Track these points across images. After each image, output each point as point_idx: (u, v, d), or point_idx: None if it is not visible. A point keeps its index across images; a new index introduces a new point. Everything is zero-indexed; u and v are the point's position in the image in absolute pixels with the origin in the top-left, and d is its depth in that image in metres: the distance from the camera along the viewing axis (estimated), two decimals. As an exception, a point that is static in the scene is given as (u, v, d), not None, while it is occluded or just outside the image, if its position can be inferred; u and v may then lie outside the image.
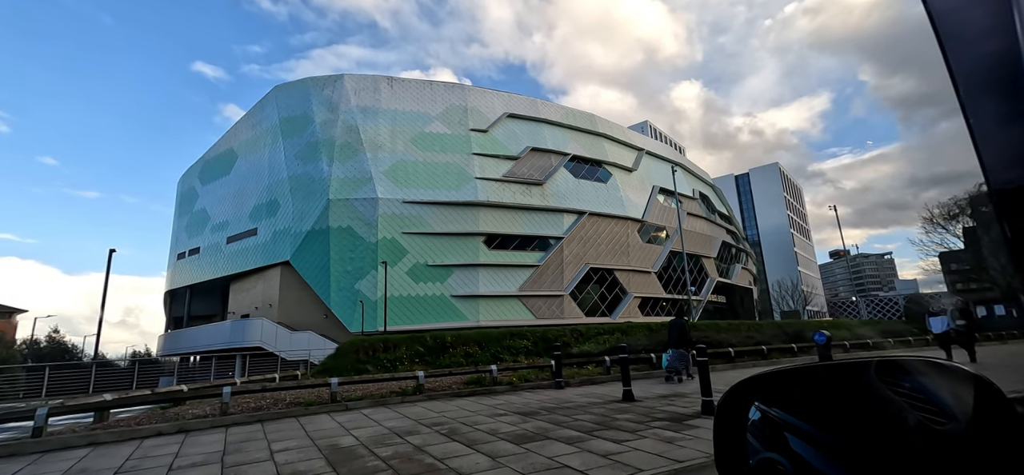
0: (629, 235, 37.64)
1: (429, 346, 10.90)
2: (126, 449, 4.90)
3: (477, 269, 31.42)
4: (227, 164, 37.50)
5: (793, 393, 0.79)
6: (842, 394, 0.72)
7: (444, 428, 5.10)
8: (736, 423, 0.82)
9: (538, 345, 12.59)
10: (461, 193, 32.25)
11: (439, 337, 11.36)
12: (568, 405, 6.19)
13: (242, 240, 33.86)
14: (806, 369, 0.78)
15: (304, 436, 4.95)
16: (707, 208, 48.74)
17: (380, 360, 10.00)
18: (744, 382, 0.85)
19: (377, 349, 10.40)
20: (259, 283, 32.89)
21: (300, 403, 6.59)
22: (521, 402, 6.59)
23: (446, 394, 7.40)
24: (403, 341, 10.91)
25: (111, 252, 21.67)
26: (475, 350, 11.13)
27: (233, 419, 5.90)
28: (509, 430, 4.78)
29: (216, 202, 37.24)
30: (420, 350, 10.62)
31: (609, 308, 35.58)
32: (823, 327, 22.87)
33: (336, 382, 6.80)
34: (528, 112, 38.15)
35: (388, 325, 28.65)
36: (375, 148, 32.17)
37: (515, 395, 7.34)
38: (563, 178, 36.38)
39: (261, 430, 5.33)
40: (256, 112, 36.80)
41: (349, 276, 29.62)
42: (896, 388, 0.65)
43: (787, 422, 0.73)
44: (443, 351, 10.88)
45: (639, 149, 43.49)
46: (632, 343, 12.57)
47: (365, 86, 34.52)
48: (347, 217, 30.19)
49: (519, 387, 8.00)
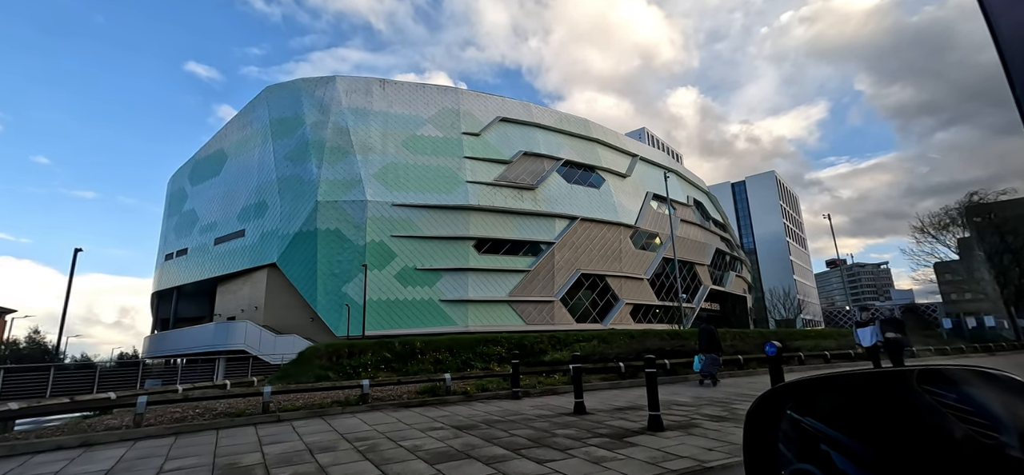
0: (621, 241, 37.36)
1: (397, 352, 10.56)
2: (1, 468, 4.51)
3: (467, 274, 31.11)
4: (217, 165, 37.27)
5: (828, 402, 0.76)
6: (881, 404, 0.68)
7: (366, 444, 4.78)
8: (767, 432, 0.80)
9: (513, 351, 12.23)
10: (452, 197, 32.00)
11: (408, 342, 11.02)
12: (514, 418, 5.86)
13: (230, 241, 33.56)
14: (842, 377, 0.74)
15: (210, 452, 4.60)
16: (701, 215, 48.50)
17: (344, 366, 9.66)
18: (776, 389, 0.83)
19: (342, 355, 10.06)
20: (246, 285, 32.56)
21: (230, 414, 6.23)
22: (467, 414, 6.25)
23: (393, 404, 7.03)
24: (371, 346, 10.56)
25: (76, 252, 21.32)
26: (445, 356, 10.78)
27: (147, 431, 5.55)
28: (433, 448, 4.47)
29: (205, 203, 36.98)
30: (387, 356, 10.28)
31: (600, 314, 35.24)
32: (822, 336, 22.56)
33: (269, 391, 6.44)
34: (521, 116, 37.98)
35: (375, 330, 28.30)
36: (366, 150, 31.95)
37: (466, 406, 7.00)
38: (555, 183, 36.15)
39: (169, 445, 4.97)
40: (247, 113, 36.62)
41: (336, 279, 29.30)
42: (941, 398, 0.61)
43: (822, 432, 0.71)
44: (411, 357, 10.55)
45: (633, 155, 43.30)
46: (609, 351, 12.25)
47: (357, 88, 34.36)
48: (335, 219, 29.90)
49: (474, 397, 7.63)
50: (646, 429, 4.88)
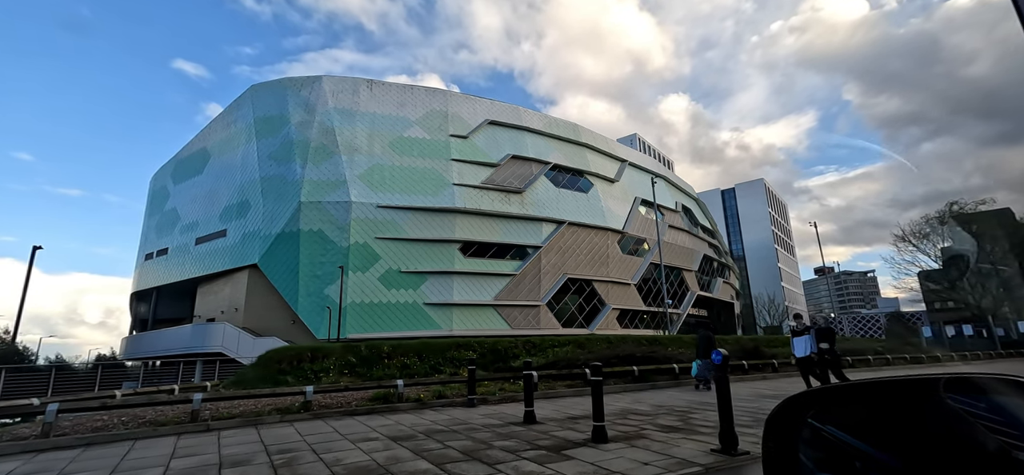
0: (609, 246, 37.28)
1: (363, 356, 10.24)
2: None
3: (452, 277, 30.82)
4: (200, 163, 36.70)
5: (852, 411, 0.75)
6: (907, 413, 0.66)
7: (285, 457, 4.49)
8: (787, 441, 0.79)
9: (486, 356, 11.99)
10: (438, 199, 31.73)
11: (375, 346, 10.70)
12: (458, 428, 5.59)
13: (211, 241, 32.98)
14: (866, 385, 0.75)
15: (110, 467, 4.26)
16: (690, 221, 48.63)
17: (305, 370, 9.31)
18: (797, 397, 0.83)
19: (304, 359, 9.71)
20: (227, 286, 32.00)
21: (156, 422, 5.89)
22: (411, 424, 5.94)
23: (339, 412, 6.71)
24: (336, 350, 10.22)
25: (34, 249, 20.69)
26: (414, 361, 10.48)
27: (56, 442, 5.18)
28: (354, 461, 4.20)
29: (187, 202, 36.36)
30: (352, 360, 9.96)
31: (587, 319, 35.08)
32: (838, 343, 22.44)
33: (199, 398, 6.09)
34: (510, 119, 37.86)
35: (357, 333, 27.90)
36: (351, 151, 31.61)
37: (415, 414, 6.69)
38: (543, 187, 36.02)
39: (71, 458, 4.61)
40: (231, 111, 36.13)
41: (318, 281, 28.86)
42: (969, 408, 0.60)
43: (844, 442, 0.71)
44: (377, 362, 10.24)
45: (622, 160, 43.34)
46: (584, 356, 12.02)
47: (344, 88, 34.05)
48: (319, 220, 29.50)
49: (428, 405, 7.32)
50: (589, 441, 4.66)
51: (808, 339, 9.32)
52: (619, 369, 9.86)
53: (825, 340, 9.14)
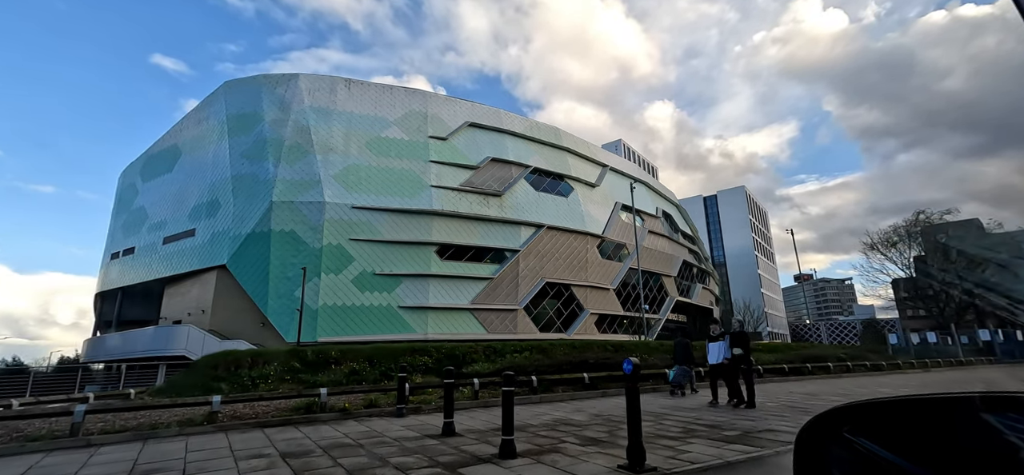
0: (588, 250, 37.25)
1: (309, 361, 9.82)
2: None
3: (428, 280, 30.41)
4: (170, 161, 35.70)
5: (890, 426, 0.73)
6: (949, 431, 0.64)
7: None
8: (820, 455, 0.78)
9: (442, 362, 11.66)
10: (415, 201, 31.33)
11: (323, 351, 10.29)
12: (367, 441, 5.24)
13: (179, 241, 32.04)
14: (906, 401, 0.73)
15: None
16: (670, 227, 48.95)
17: (241, 377, 8.86)
18: (832, 411, 0.80)
19: (243, 364, 9.24)
20: (194, 287, 31.09)
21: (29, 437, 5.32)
22: (320, 437, 5.53)
23: (250, 424, 6.28)
24: (279, 356, 9.78)
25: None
26: (364, 367, 10.11)
27: None
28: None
29: (156, 200, 35.32)
30: (296, 366, 9.52)
31: (565, 324, 34.94)
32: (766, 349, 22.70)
33: (82, 410, 5.66)
34: (491, 122, 37.68)
35: (329, 336, 27.32)
36: (326, 150, 31.06)
37: (334, 426, 6.28)
38: (523, 190, 35.87)
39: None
40: (204, 107, 35.26)
41: (289, 282, 28.19)
42: (1010, 427, 0.58)
43: (882, 458, 0.69)
44: (325, 367, 9.84)
45: (603, 165, 43.46)
46: (537, 363, 11.81)
47: (321, 87, 33.50)
48: (291, 220, 28.86)
49: (354, 414, 6.95)
50: (496, 456, 4.41)
51: (722, 345, 8.79)
52: (569, 376, 9.66)
53: (739, 346, 8.52)
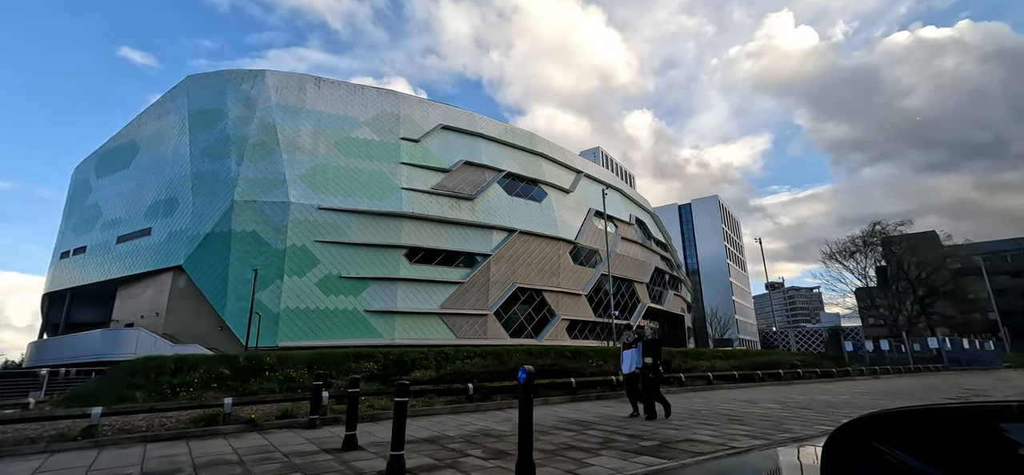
0: (560, 256, 37.32)
1: (240, 368, 9.32)
2: None
3: (396, 283, 29.85)
4: (127, 157, 34.14)
5: (926, 436, 0.69)
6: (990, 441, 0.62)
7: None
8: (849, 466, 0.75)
9: (388, 368, 11.32)
10: (384, 203, 30.78)
11: (257, 357, 9.78)
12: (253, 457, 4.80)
13: (134, 240, 30.59)
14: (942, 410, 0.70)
15: None
16: (643, 234, 49.59)
17: (161, 385, 8.30)
18: (862, 420, 0.77)
19: (165, 371, 8.68)
20: (149, 289, 29.69)
21: None
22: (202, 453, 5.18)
23: (138, 438, 5.78)
24: (206, 362, 9.22)
25: None
26: (301, 373, 9.67)
27: None
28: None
29: (111, 197, 33.67)
30: (224, 373, 9.02)
31: (536, 329, 34.85)
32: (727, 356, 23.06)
33: None
34: (465, 125, 37.47)
35: (291, 340, 26.48)
36: (293, 150, 30.24)
37: (231, 439, 5.89)
38: (496, 194, 35.72)
39: None
40: (164, 102, 33.91)
41: (249, 285, 27.17)
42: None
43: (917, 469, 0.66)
44: (257, 374, 9.36)
45: (577, 171, 43.75)
46: (500, 368, 11.59)
47: (289, 84, 32.67)
48: (253, 221, 27.92)
49: (261, 426, 6.53)
50: (382, 473, 4.16)
51: (635, 353, 8.09)
52: (510, 383, 9.47)
53: (649, 354, 7.88)
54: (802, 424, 7.13)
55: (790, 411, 8.60)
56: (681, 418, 7.77)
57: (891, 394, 12.18)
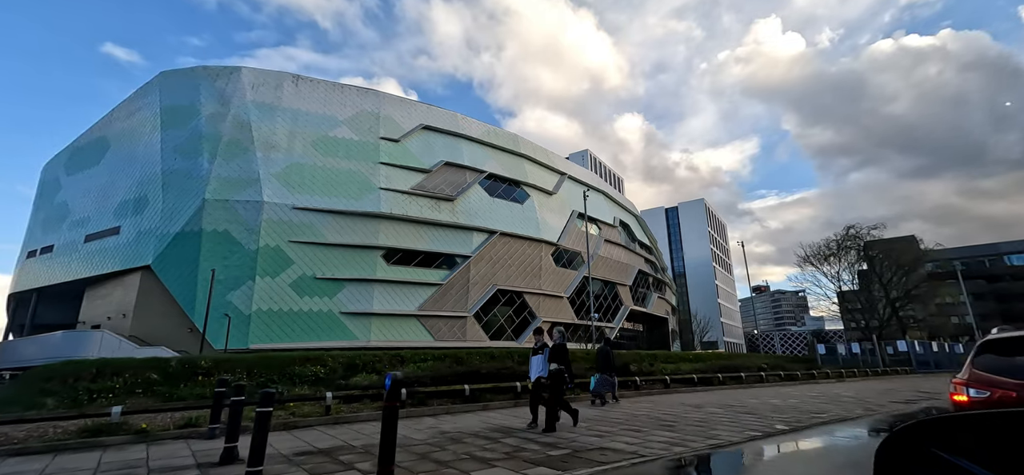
0: (542, 258, 37.11)
1: (171, 372, 8.88)
2: None
3: (372, 285, 29.40)
4: (97, 153, 33.32)
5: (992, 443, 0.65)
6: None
7: None
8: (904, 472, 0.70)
9: (337, 372, 10.96)
10: (362, 203, 30.34)
11: (191, 361, 9.38)
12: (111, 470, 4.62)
13: (102, 239, 29.81)
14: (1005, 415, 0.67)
15: None
16: (628, 236, 49.59)
17: (77, 391, 7.79)
18: (918, 425, 0.74)
19: (83, 376, 8.18)
20: (117, 289, 28.92)
21: None
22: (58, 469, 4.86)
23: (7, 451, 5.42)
24: (132, 366, 8.74)
25: None
26: (240, 378, 9.26)
27: None
28: None
29: (80, 195, 32.82)
30: (153, 378, 8.57)
31: (516, 332, 34.57)
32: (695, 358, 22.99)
33: None
34: (447, 126, 37.18)
35: (263, 342, 25.92)
36: (268, 148, 29.70)
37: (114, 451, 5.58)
38: (477, 195, 35.44)
39: None
40: (137, 98, 33.16)
41: (220, 286, 26.59)
42: None
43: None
44: (190, 378, 8.94)
45: (561, 173, 43.64)
46: (437, 372, 11.28)
47: (266, 82, 32.14)
48: (225, 220, 27.32)
49: (156, 437, 6.16)
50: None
51: (543, 359, 7.43)
52: (448, 388, 9.17)
53: (556, 360, 7.30)
54: (735, 429, 6.96)
55: (731, 415, 8.44)
56: (614, 424, 7.55)
57: (838, 398, 12.12)
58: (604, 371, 11.60)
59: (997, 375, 3.80)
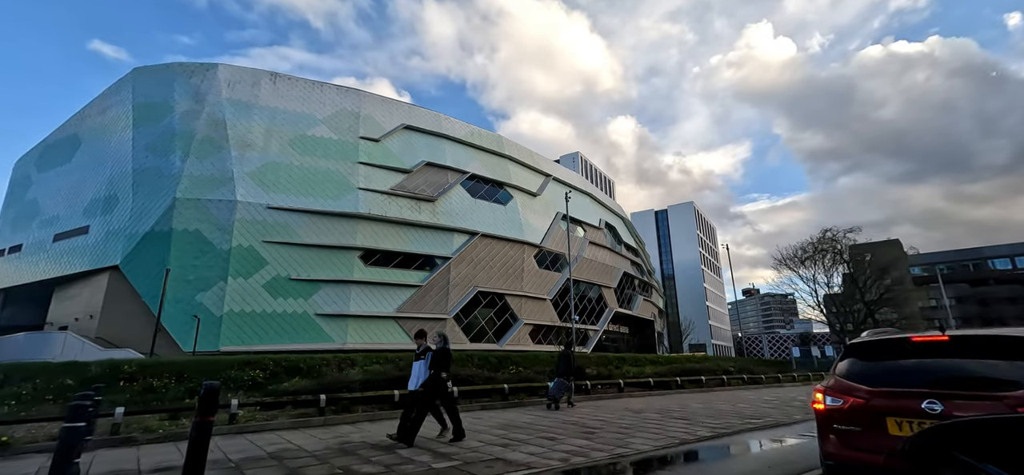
0: (525, 259, 36.78)
1: (90, 377, 8.25)
2: None
3: (349, 286, 28.91)
4: (69, 150, 32.60)
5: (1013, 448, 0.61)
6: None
7: None
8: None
9: (279, 377, 10.54)
10: (339, 203, 29.87)
11: (114, 366, 8.85)
12: None
13: (70, 238, 29.09)
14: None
15: None
16: (613, 238, 49.43)
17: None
18: (942, 428, 0.73)
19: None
20: (85, 290, 28.21)
21: None
22: None
23: None
24: (45, 372, 8.08)
25: None
26: (167, 383, 8.78)
27: None
28: None
29: (50, 193, 32.06)
30: (69, 383, 7.96)
31: (497, 334, 34.20)
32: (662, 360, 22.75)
33: None
34: (429, 126, 36.82)
35: (235, 345, 25.35)
36: (243, 146, 29.16)
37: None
38: (458, 196, 35.08)
39: None
40: (109, 95, 32.50)
41: (190, 287, 26.00)
42: None
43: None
44: (112, 384, 8.42)
45: (546, 175, 43.40)
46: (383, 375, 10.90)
47: (243, 79, 31.61)
48: (196, 219, 26.73)
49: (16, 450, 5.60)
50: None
51: (425, 365, 6.96)
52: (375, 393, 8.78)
53: (435, 366, 6.79)
54: (654, 436, 6.72)
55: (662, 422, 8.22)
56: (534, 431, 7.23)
57: (792, 402, 11.91)
58: (563, 374, 11.57)
59: (853, 381, 3.51)
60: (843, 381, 3.57)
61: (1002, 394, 2.79)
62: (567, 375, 11.53)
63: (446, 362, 6.93)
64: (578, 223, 43.49)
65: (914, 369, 3.32)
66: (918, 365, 3.33)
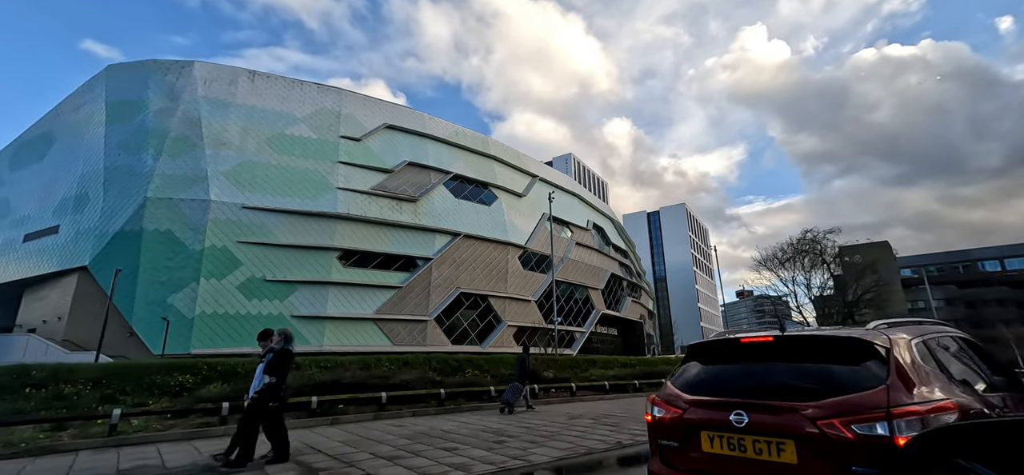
0: (509, 261, 36.32)
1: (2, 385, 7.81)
2: None
3: (327, 287, 28.35)
4: (42, 149, 31.93)
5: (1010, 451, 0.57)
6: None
7: None
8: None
9: (210, 381, 9.94)
10: (317, 203, 29.32)
11: (21, 371, 8.30)
12: None
13: (40, 239, 28.41)
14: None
15: None
16: (602, 240, 49.05)
17: None
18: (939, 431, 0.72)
19: None
20: (54, 291, 27.54)
21: None
22: None
23: None
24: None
25: None
26: (81, 389, 8.19)
27: None
28: None
29: (22, 192, 31.37)
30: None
31: (481, 336, 33.70)
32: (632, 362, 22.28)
33: None
34: (412, 125, 36.33)
35: (207, 347, 24.71)
36: (219, 145, 28.57)
37: None
38: (441, 197, 34.59)
39: None
40: (83, 92, 31.87)
41: (162, 288, 25.39)
42: None
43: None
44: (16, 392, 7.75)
45: (532, 175, 42.98)
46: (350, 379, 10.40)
47: (219, 77, 31.04)
48: (168, 219, 26.12)
49: None
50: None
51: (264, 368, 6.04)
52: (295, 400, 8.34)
53: (272, 372, 5.89)
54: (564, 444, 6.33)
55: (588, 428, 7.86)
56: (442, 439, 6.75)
57: None
58: (519, 378, 11.32)
59: (681, 389, 3.05)
60: (672, 390, 3.12)
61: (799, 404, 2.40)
62: (522, 379, 11.29)
63: (285, 367, 6.08)
64: (565, 224, 43.08)
65: (737, 375, 2.91)
66: (743, 370, 2.91)
